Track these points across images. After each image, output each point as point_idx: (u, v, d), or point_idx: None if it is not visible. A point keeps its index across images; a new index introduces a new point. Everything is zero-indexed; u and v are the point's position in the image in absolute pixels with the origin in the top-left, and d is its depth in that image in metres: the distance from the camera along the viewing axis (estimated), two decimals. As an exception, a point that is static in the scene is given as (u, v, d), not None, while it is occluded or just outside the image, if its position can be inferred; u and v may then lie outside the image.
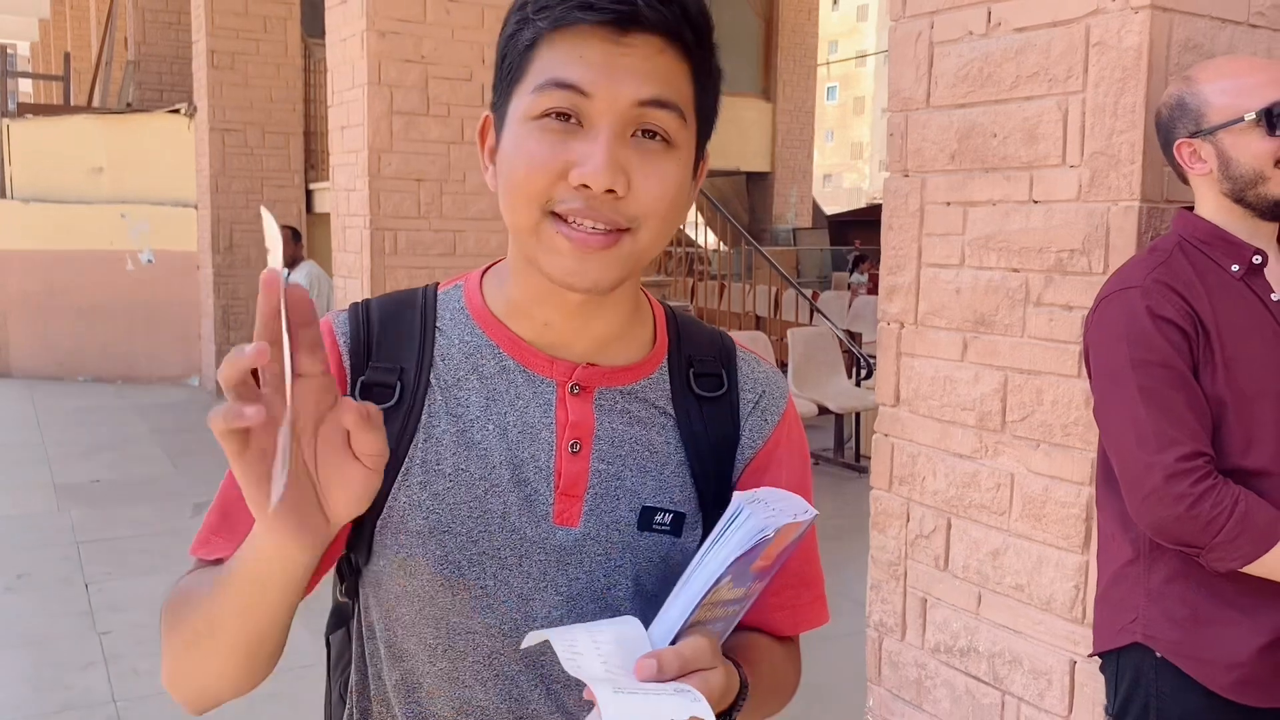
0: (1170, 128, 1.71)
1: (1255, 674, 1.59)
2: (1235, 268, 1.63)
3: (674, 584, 0.84)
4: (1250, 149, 1.61)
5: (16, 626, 4.16)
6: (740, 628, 1.01)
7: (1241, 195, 1.64)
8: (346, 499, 0.75)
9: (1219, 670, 1.59)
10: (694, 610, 0.81)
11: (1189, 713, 1.62)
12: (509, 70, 0.88)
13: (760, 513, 0.80)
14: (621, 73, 0.83)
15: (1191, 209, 1.73)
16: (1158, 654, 1.64)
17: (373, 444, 0.72)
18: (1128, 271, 1.68)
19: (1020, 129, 2.13)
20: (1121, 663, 1.70)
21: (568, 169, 0.83)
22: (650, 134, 0.85)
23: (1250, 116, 1.60)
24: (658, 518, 0.94)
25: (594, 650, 0.78)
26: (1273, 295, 1.63)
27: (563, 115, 0.84)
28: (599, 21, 0.82)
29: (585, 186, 0.82)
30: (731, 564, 0.79)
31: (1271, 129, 1.59)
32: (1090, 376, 1.71)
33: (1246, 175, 1.62)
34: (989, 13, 2.18)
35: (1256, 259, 1.63)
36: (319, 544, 0.77)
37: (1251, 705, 1.60)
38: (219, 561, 0.89)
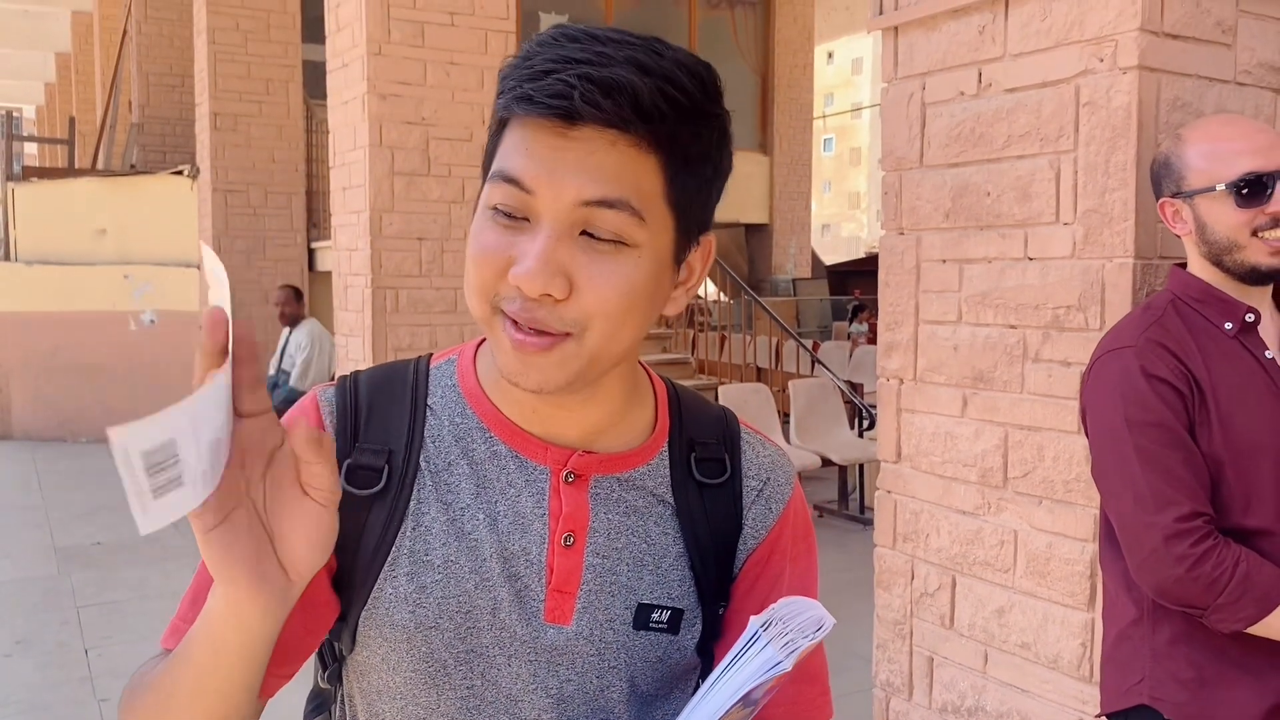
0: (1157, 184, 1.73)
1: None
2: (1229, 325, 1.63)
3: (670, 685, 0.83)
4: (1224, 218, 1.61)
5: (15, 694, 4.11)
6: None
7: (1219, 260, 1.64)
8: (304, 545, 0.72)
9: None
10: None
11: None
12: (489, 148, 0.85)
13: (778, 640, 0.77)
14: (564, 170, 0.77)
15: (1184, 265, 1.74)
16: (1165, 716, 1.62)
17: (323, 476, 0.70)
18: (1121, 331, 1.69)
19: (1013, 187, 2.15)
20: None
21: (509, 264, 0.78)
22: (599, 235, 0.79)
23: (1221, 187, 1.60)
24: (654, 615, 0.90)
25: None
26: (1267, 353, 1.63)
27: (509, 211, 0.79)
28: (541, 115, 0.77)
29: (519, 288, 0.78)
30: (743, 694, 0.77)
31: (1242, 201, 1.59)
32: (1088, 436, 1.70)
33: (1221, 242, 1.63)
34: (980, 73, 2.22)
35: (1249, 317, 1.63)
36: (278, 604, 0.72)
37: None
38: None
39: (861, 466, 6.99)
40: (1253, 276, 1.62)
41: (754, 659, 0.77)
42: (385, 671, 0.89)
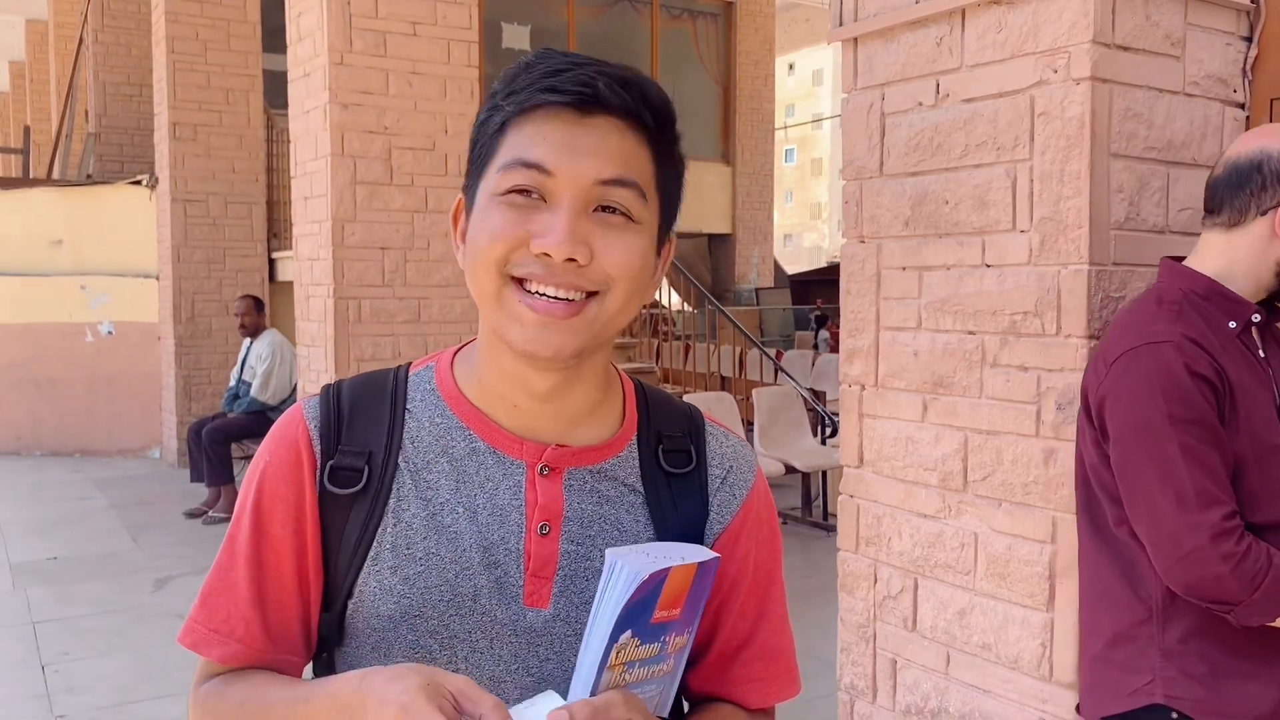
0: (1255, 186, 1.69)
1: None
2: (1232, 324, 1.66)
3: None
4: None
5: (-30, 712, 4.04)
6: (710, 699, 1.02)
7: None
8: None
9: None
10: (600, 673, 0.82)
11: None
12: (480, 154, 0.91)
13: (634, 563, 0.82)
14: (583, 152, 0.87)
15: (1175, 260, 1.75)
16: (1176, 713, 1.63)
17: None
18: (1147, 324, 1.67)
19: (971, 196, 2.19)
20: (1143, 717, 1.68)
21: (528, 239, 0.86)
22: (611, 209, 0.88)
23: None
24: None
25: None
26: (1259, 352, 1.67)
27: (526, 191, 0.87)
28: (562, 104, 0.86)
29: (546, 255, 0.85)
30: (620, 618, 0.80)
31: None
32: (1102, 430, 1.69)
33: None
34: (937, 84, 2.26)
35: (1255, 317, 1.67)
36: None
37: None
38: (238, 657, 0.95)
39: (824, 473, 7.03)
40: None
41: (616, 585, 0.82)
42: (375, 659, 0.93)
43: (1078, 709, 1.92)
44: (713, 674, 1.03)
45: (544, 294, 0.87)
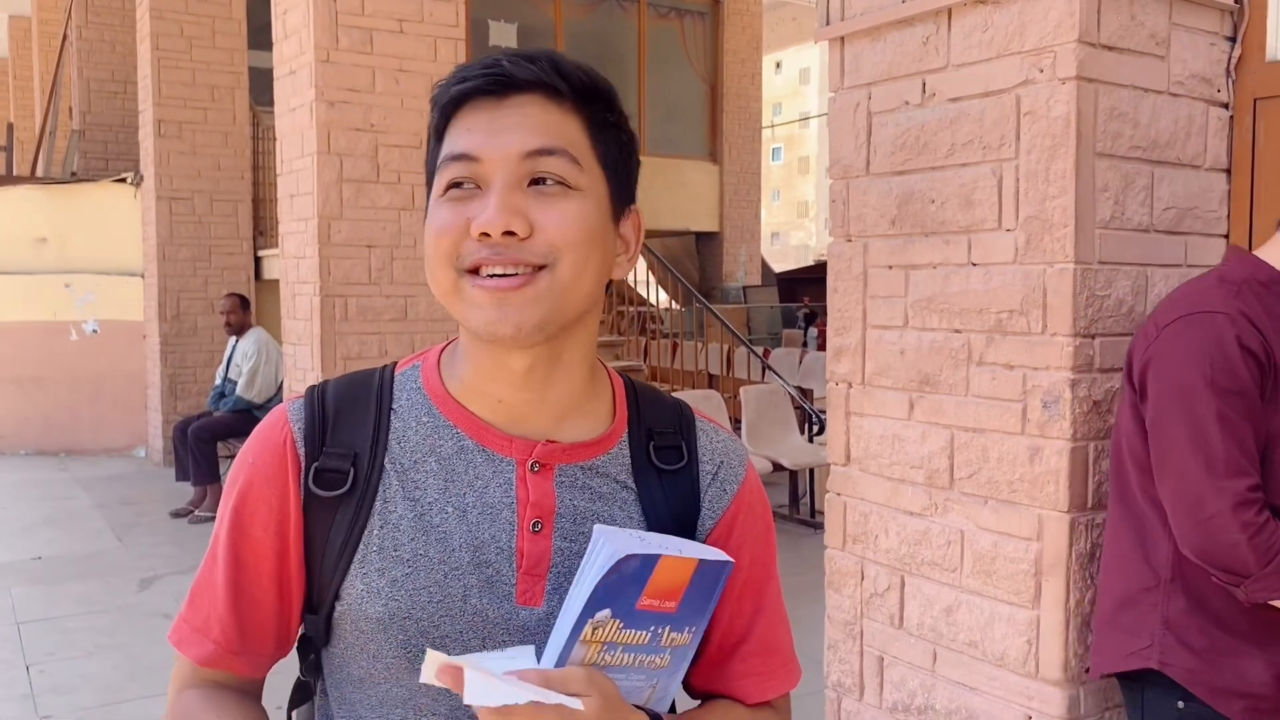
0: None
1: (1267, 704, 1.66)
2: None
3: None
4: None
5: (-47, 713, 4.02)
6: (711, 694, 1.02)
7: None
8: None
9: (1232, 698, 1.66)
10: (571, 644, 0.82)
11: None
12: (429, 169, 0.94)
13: (619, 540, 0.83)
14: (504, 131, 0.88)
15: (1240, 249, 1.80)
16: (1173, 681, 1.69)
17: None
18: (1203, 296, 1.71)
19: (957, 195, 2.20)
20: (1142, 689, 1.76)
21: (469, 224, 0.87)
22: (546, 180, 0.89)
23: None
24: None
25: (478, 662, 0.80)
26: None
27: (462, 184, 0.89)
28: (478, 91, 0.90)
29: (485, 235, 0.86)
30: (597, 593, 0.80)
31: None
32: (1142, 391, 1.73)
33: None
34: (924, 83, 2.26)
35: None
36: None
37: None
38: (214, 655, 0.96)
39: (812, 471, 7.05)
40: None
41: (597, 557, 0.82)
42: (364, 660, 0.94)
43: (1087, 670, 2.00)
44: (711, 670, 1.03)
45: (494, 274, 0.87)
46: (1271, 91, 2.16)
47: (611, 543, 0.82)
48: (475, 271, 0.88)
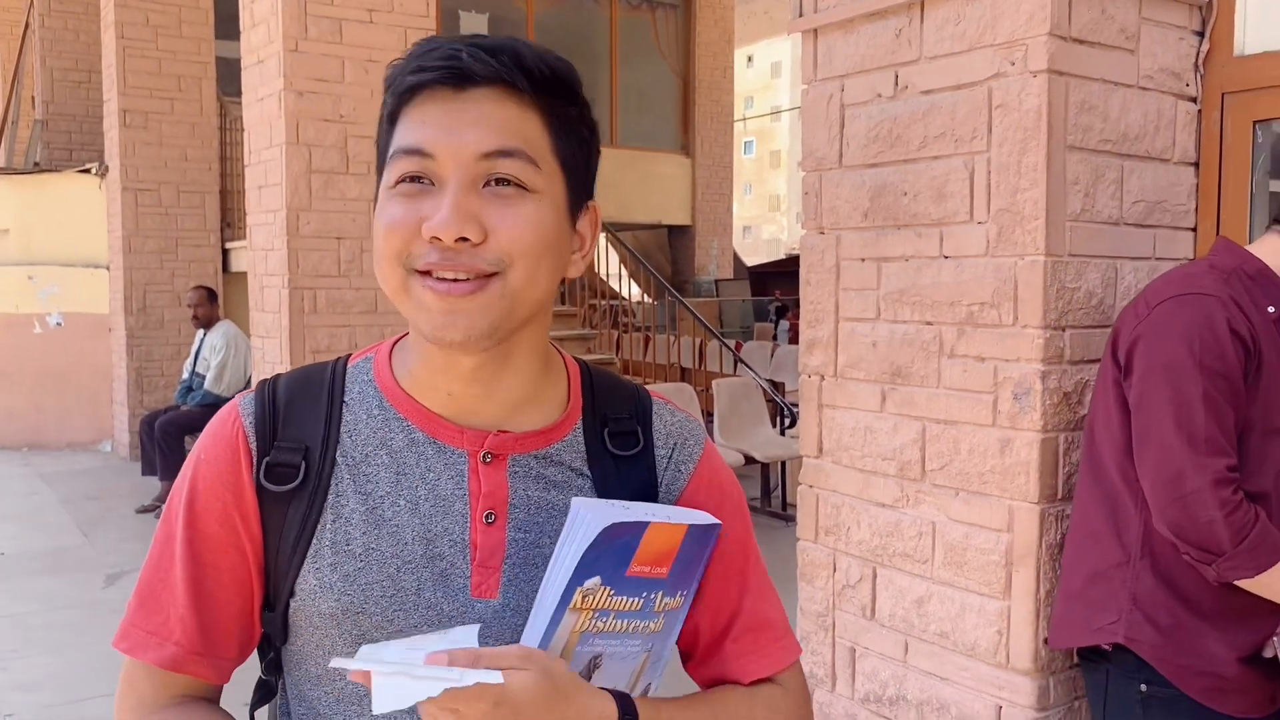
0: None
1: (1227, 684, 1.70)
2: (1271, 309, 1.73)
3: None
4: None
5: (-86, 711, 3.95)
6: (708, 680, 1.01)
7: None
8: None
9: (1194, 677, 1.70)
10: (560, 612, 0.82)
11: (1176, 716, 1.72)
12: (380, 153, 0.90)
13: (601, 511, 0.83)
14: (461, 128, 0.85)
15: (1229, 241, 1.83)
16: (1138, 656, 1.73)
17: None
18: (1195, 279, 1.74)
19: (929, 187, 2.20)
20: (1106, 671, 1.80)
21: (420, 224, 0.84)
22: (503, 182, 0.86)
23: None
24: None
25: (401, 651, 0.79)
26: None
27: (414, 179, 0.86)
28: (435, 82, 0.86)
29: (436, 239, 0.84)
30: (584, 562, 0.81)
31: None
32: (1127, 367, 1.76)
33: None
34: (896, 76, 2.26)
35: None
36: None
37: (1221, 711, 1.71)
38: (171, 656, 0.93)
39: (783, 464, 7.07)
40: None
41: (580, 528, 0.82)
42: (321, 656, 0.92)
43: (1045, 641, 2.01)
44: (708, 658, 1.01)
45: (444, 278, 0.85)
46: (1239, 86, 2.18)
47: (593, 513, 0.82)
48: (426, 273, 0.86)
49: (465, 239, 0.84)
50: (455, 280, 0.84)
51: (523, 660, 0.79)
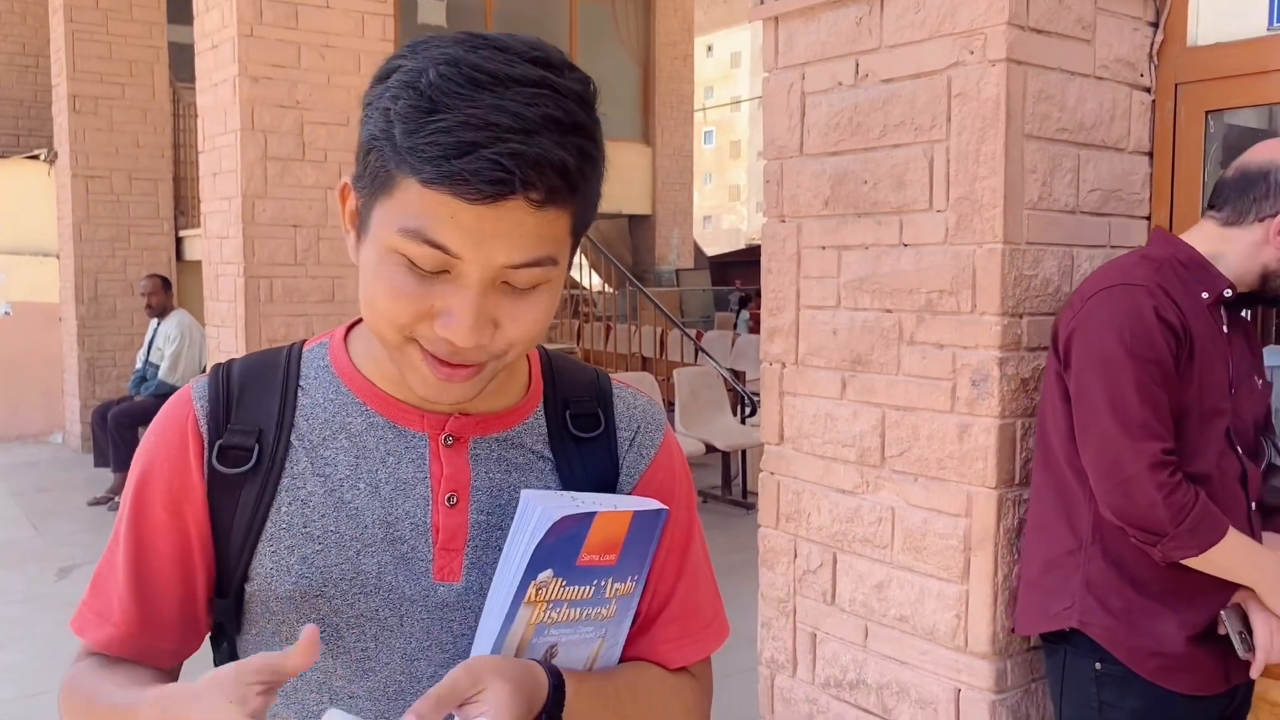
0: (1254, 195, 1.78)
1: (1177, 663, 1.74)
2: (1205, 295, 1.77)
3: None
4: None
5: None
6: (632, 658, 1.00)
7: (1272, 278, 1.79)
8: None
9: (1145, 656, 1.75)
10: (515, 607, 0.82)
11: (1128, 695, 1.77)
12: (373, 175, 0.81)
13: (550, 503, 0.83)
14: (493, 239, 0.78)
15: (1164, 231, 1.87)
16: (1091, 640, 1.78)
17: None
18: (1127, 270, 1.79)
19: (889, 175, 2.21)
20: (1063, 652, 1.84)
21: (432, 311, 0.80)
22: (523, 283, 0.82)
23: None
24: None
25: None
26: (1224, 328, 1.79)
27: (431, 268, 0.80)
28: (473, 191, 0.76)
29: (451, 340, 0.81)
30: (536, 556, 0.81)
31: None
32: (1066, 361, 1.80)
33: None
34: (857, 64, 2.27)
35: (1228, 293, 1.78)
36: None
37: (1171, 690, 1.75)
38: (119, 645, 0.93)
39: (744, 452, 7.10)
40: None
41: (531, 521, 0.83)
42: (278, 643, 0.91)
43: (1012, 630, 2.06)
44: (637, 638, 1.01)
45: (448, 363, 0.83)
46: (1192, 76, 2.21)
47: (543, 506, 0.83)
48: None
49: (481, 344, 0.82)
50: (458, 365, 0.83)
51: (478, 679, 0.79)
